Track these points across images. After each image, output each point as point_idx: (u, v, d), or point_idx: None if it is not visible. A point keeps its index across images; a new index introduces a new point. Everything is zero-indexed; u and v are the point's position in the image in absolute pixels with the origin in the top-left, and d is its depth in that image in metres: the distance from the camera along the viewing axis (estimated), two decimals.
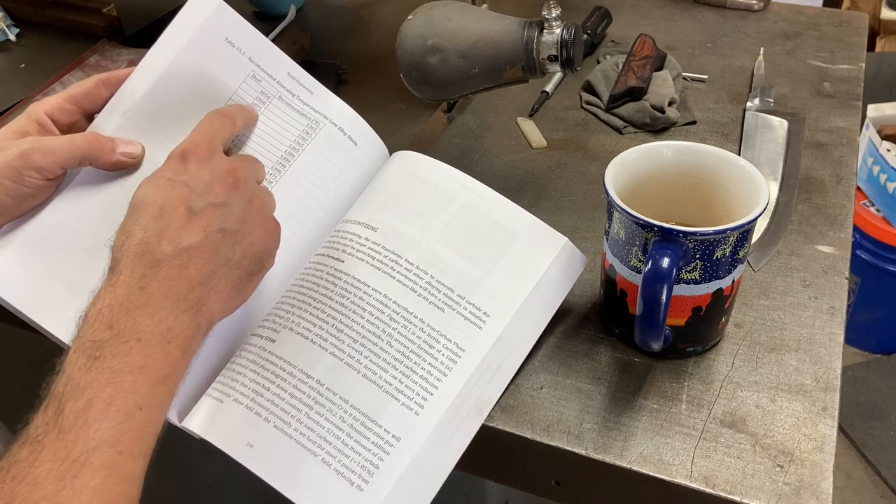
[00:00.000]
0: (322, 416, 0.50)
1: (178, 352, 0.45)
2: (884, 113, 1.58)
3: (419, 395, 0.51)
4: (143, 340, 0.43)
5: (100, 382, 0.41)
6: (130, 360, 0.43)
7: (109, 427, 0.41)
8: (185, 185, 0.48)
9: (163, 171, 0.49)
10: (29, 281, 0.51)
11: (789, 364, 0.56)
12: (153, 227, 0.46)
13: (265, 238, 0.51)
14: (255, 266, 0.50)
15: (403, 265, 0.55)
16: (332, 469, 0.48)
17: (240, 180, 0.50)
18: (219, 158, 0.51)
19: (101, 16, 1.01)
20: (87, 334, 0.43)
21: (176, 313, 0.45)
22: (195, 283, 0.46)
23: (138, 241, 0.46)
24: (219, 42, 0.55)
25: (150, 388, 0.43)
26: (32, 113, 0.53)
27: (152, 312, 0.44)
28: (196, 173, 0.49)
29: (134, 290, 0.44)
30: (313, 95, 0.59)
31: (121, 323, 0.43)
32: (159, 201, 0.47)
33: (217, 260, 0.47)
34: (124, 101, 0.54)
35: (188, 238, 0.46)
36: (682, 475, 0.49)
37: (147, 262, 0.45)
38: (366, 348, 0.52)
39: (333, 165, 0.59)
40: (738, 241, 0.50)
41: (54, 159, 0.50)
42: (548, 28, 0.64)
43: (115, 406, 0.41)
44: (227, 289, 0.48)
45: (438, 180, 0.58)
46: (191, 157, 0.50)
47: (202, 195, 0.48)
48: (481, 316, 0.54)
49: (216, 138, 0.52)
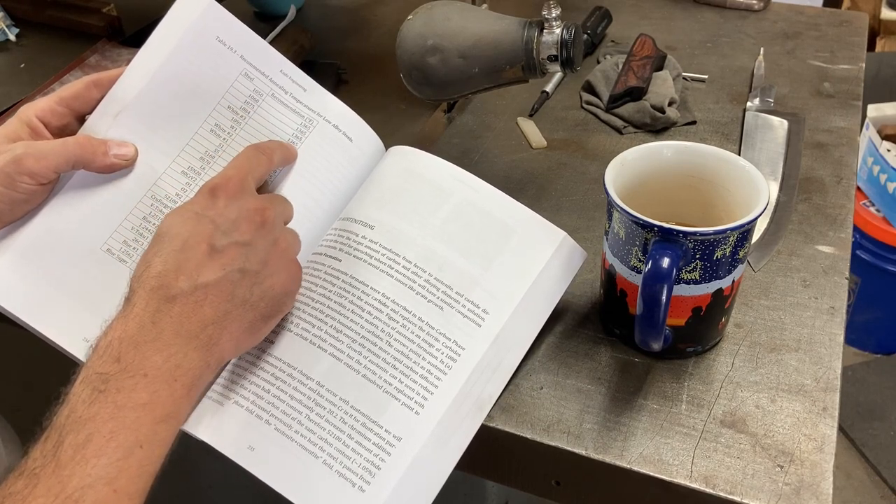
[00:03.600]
0: (322, 418, 0.50)
1: (184, 390, 0.45)
2: (884, 113, 1.58)
3: (419, 395, 0.51)
4: (150, 376, 0.43)
5: (102, 417, 0.41)
6: (135, 395, 0.42)
7: (107, 464, 0.40)
8: (211, 220, 0.47)
9: (191, 204, 0.49)
10: (25, 286, 0.51)
11: (789, 364, 0.56)
12: (173, 260, 0.46)
13: (286, 281, 0.50)
14: (271, 309, 0.49)
15: (401, 263, 0.55)
16: (333, 471, 0.48)
17: (267, 221, 0.50)
18: (248, 196, 0.50)
19: (101, 16, 1.01)
20: (94, 366, 0.43)
21: (185, 351, 0.44)
22: (208, 322, 0.46)
23: (156, 274, 0.45)
24: (210, 41, 0.55)
25: (152, 425, 0.42)
26: (23, 116, 0.52)
27: (161, 348, 0.44)
28: (223, 209, 0.48)
29: (146, 324, 0.44)
30: (307, 93, 0.58)
31: (129, 357, 0.43)
32: (183, 234, 0.47)
33: (233, 300, 0.47)
34: (116, 103, 0.54)
35: (206, 275, 0.46)
36: (682, 475, 0.49)
37: (162, 297, 0.45)
38: (365, 348, 0.52)
39: (329, 163, 0.58)
40: (738, 241, 0.50)
41: (47, 164, 0.50)
42: (548, 28, 0.64)
43: (114, 442, 0.41)
44: (241, 330, 0.48)
45: (435, 176, 0.58)
46: (220, 192, 0.49)
47: (227, 233, 0.47)
48: (480, 313, 0.54)
49: (250, 174, 0.51)
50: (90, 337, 0.51)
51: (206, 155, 0.55)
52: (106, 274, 0.52)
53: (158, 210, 0.54)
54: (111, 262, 0.53)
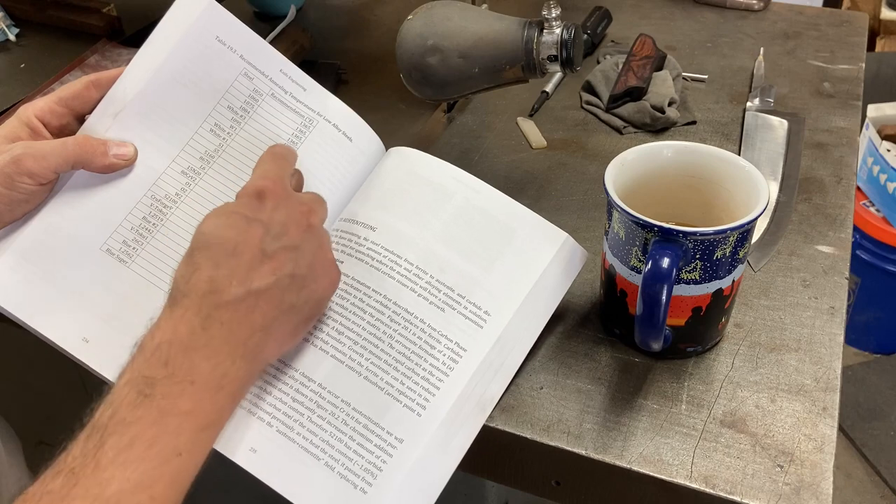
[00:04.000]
0: (324, 420, 0.50)
1: (228, 399, 0.44)
2: (884, 113, 1.58)
3: (421, 397, 0.51)
4: (197, 384, 0.43)
5: (145, 422, 0.41)
6: (180, 403, 0.42)
7: (146, 470, 0.40)
8: (262, 224, 0.47)
9: (237, 207, 0.48)
10: (24, 286, 0.51)
11: (789, 364, 0.56)
12: (225, 265, 0.45)
13: (327, 285, 0.50)
14: (314, 311, 0.49)
15: (403, 265, 0.54)
16: (335, 473, 0.48)
17: (313, 224, 0.49)
18: (294, 199, 0.50)
19: (101, 16, 1.01)
20: (141, 368, 0.42)
21: (233, 359, 0.44)
22: (257, 329, 0.45)
23: (207, 279, 0.45)
24: (209, 40, 0.55)
25: (193, 433, 0.42)
26: (22, 116, 0.52)
27: (210, 356, 0.43)
28: (272, 213, 0.48)
29: (196, 329, 0.43)
30: (306, 92, 0.58)
31: (177, 362, 0.42)
32: (234, 238, 0.46)
33: (282, 306, 0.46)
34: (115, 103, 0.54)
35: (258, 281, 0.45)
36: (682, 475, 0.49)
37: (213, 303, 0.44)
38: (367, 350, 0.52)
39: (329, 163, 0.58)
40: (738, 241, 0.50)
41: (46, 164, 0.49)
42: (548, 28, 0.64)
43: (155, 448, 0.40)
44: (285, 334, 0.48)
45: (436, 177, 0.58)
46: (268, 195, 0.48)
47: (277, 237, 0.47)
48: (482, 315, 0.54)
49: (285, 178, 0.51)
50: (90, 337, 0.51)
51: (205, 155, 0.55)
52: (105, 274, 0.52)
53: (158, 210, 0.54)
54: (111, 262, 0.53)
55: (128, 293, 0.52)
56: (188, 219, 0.54)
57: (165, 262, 0.53)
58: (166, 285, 0.53)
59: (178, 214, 0.54)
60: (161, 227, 0.54)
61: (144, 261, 0.53)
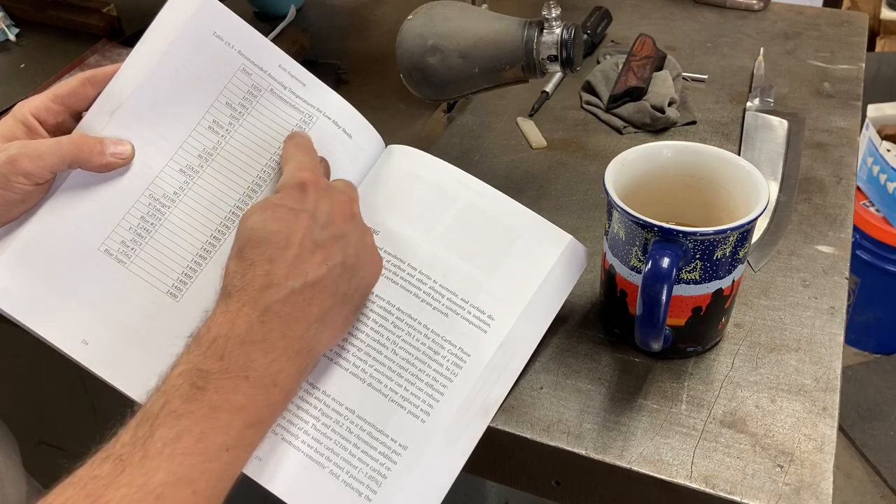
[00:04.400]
0: (329, 428, 0.50)
1: (282, 395, 0.44)
2: (884, 113, 1.58)
3: (425, 403, 0.51)
4: (251, 380, 0.42)
5: (196, 416, 0.41)
6: (233, 398, 0.42)
7: (192, 464, 0.40)
8: (308, 215, 0.47)
9: (282, 199, 0.48)
10: (22, 287, 0.51)
11: (789, 364, 0.56)
12: (280, 258, 0.45)
13: (374, 272, 0.50)
14: (361, 299, 0.50)
15: (406, 270, 0.54)
16: (339, 480, 0.48)
17: (356, 212, 0.50)
18: (333, 188, 0.50)
19: (101, 16, 1.01)
20: (195, 360, 0.42)
21: (289, 355, 0.44)
22: (312, 321, 0.45)
23: (264, 273, 0.44)
24: (207, 36, 0.54)
25: (242, 429, 0.42)
26: (18, 114, 0.52)
27: (267, 350, 0.43)
28: (317, 203, 0.48)
29: (255, 323, 0.43)
30: (306, 88, 0.58)
31: (234, 356, 0.42)
32: (283, 231, 0.46)
33: (335, 296, 0.47)
34: (112, 100, 0.53)
35: (313, 272, 0.45)
36: (682, 475, 0.49)
37: (272, 297, 0.44)
38: (371, 357, 0.52)
39: (329, 159, 0.58)
40: (738, 241, 0.50)
41: (42, 164, 0.49)
42: (548, 28, 0.64)
43: (203, 443, 0.40)
44: (338, 325, 0.48)
45: (439, 180, 0.58)
46: (310, 186, 0.48)
47: (325, 226, 0.47)
48: (486, 319, 0.53)
49: (319, 167, 0.51)
50: (88, 339, 0.51)
51: (204, 152, 0.55)
52: (104, 274, 0.52)
53: (156, 209, 0.53)
54: (109, 262, 0.52)
55: (127, 295, 0.52)
56: (187, 218, 0.54)
57: (164, 263, 0.53)
58: (165, 286, 0.53)
59: (176, 214, 0.54)
60: (159, 226, 0.53)
61: (143, 261, 0.53)
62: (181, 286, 0.53)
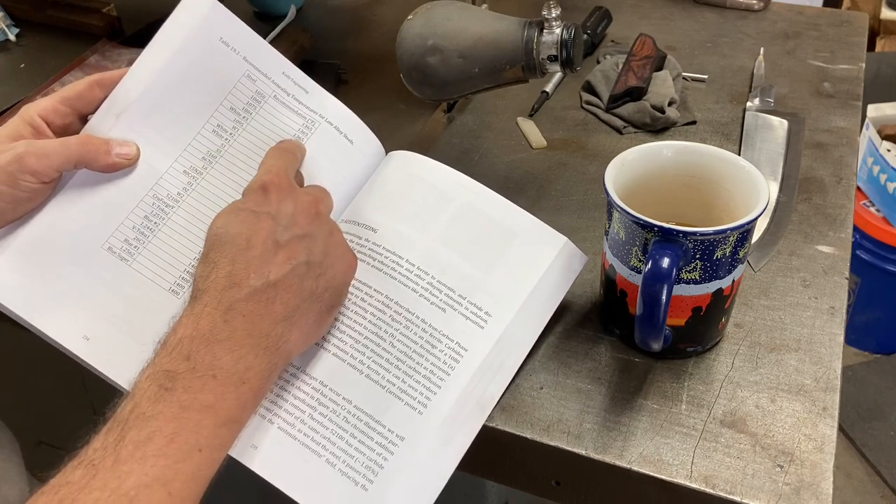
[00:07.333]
0: (326, 417, 0.50)
1: (251, 394, 0.44)
2: (884, 113, 1.58)
3: (422, 395, 0.51)
4: (219, 378, 0.43)
5: (165, 416, 0.41)
6: (201, 397, 0.42)
7: (165, 465, 0.40)
8: (270, 216, 0.47)
9: (244, 203, 0.49)
10: (26, 284, 0.51)
11: (789, 364, 0.56)
12: (241, 259, 0.46)
13: (346, 270, 0.51)
14: (334, 299, 0.50)
15: (404, 266, 0.55)
16: (336, 469, 0.49)
17: (321, 212, 0.50)
18: (299, 190, 0.51)
19: (101, 16, 1.01)
20: (162, 363, 0.43)
21: (256, 352, 0.44)
22: (279, 319, 0.46)
23: (226, 274, 0.45)
24: (213, 42, 0.55)
25: (214, 429, 0.42)
26: (25, 115, 0.52)
27: (233, 348, 0.44)
28: (279, 205, 0.48)
29: (218, 322, 0.44)
30: (308, 94, 0.59)
31: (199, 355, 0.43)
32: (245, 233, 0.47)
33: (301, 294, 0.47)
34: (119, 103, 0.54)
35: (275, 271, 0.46)
36: (682, 475, 0.49)
37: (234, 296, 0.45)
38: (368, 349, 0.52)
39: (331, 165, 0.59)
40: (738, 241, 0.50)
41: (49, 163, 0.50)
42: (548, 28, 0.64)
43: (175, 444, 0.40)
44: (309, 324, 0.48)
45: (437, 181, 0.58)
46: (272, 188, 0.49)
47: (287, 227, 0.48)
48: (483, 316, 0.54)
49: (289, 171, 0.51)
50: (90, 335, 0.51)
51: (207, 155, 0.55)
52: (106, 272, 0.52)
53: (160, 209, 0.54)
54: (112, 260, 0.53)
55: (129, 291, 0.52)
56: (190, 218, 0.54)
57: (167, 261, 0.53)
58: (167, 283, 0.53)
59: (179, 214, 0.54)
60: (163, 226, 0.54)
61: (146, 259, 0.53)
62: (183, 283, 0.53)
